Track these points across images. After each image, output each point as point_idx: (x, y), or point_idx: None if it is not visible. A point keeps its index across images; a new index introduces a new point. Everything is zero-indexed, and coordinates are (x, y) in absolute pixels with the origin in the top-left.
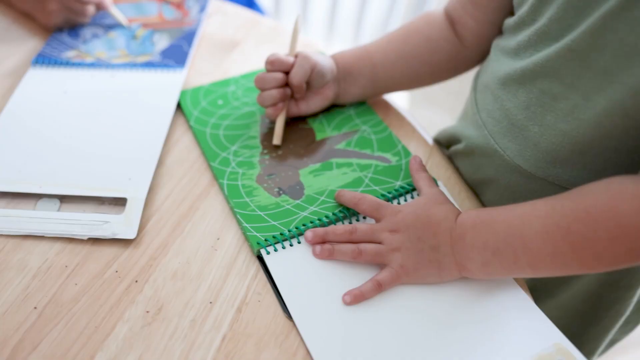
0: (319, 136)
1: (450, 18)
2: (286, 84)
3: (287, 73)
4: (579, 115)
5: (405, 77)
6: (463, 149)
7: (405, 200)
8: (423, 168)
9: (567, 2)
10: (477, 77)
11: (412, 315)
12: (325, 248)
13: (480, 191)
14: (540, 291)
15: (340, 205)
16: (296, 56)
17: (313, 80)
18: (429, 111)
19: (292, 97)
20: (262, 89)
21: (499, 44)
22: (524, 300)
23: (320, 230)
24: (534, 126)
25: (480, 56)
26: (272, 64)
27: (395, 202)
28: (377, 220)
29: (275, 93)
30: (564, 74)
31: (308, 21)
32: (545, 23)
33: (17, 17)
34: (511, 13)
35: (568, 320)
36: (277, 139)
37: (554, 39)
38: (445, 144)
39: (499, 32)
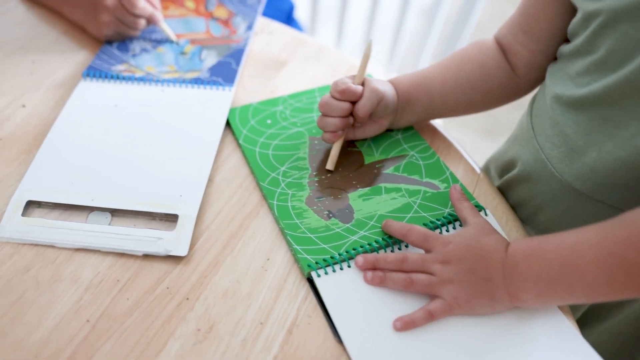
0: (367, 160)
1: (501, 46)
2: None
3: (353, 102)
4: (636, 142)
5: (460, 105)
6: (518, 175)
7: (454, 228)
8: (465, 197)
9: (625, 35)
10: (533, 102)
11: (457, 343)
12: (377, 275)
13: (536, 218)
14: (588, 315)
15: None
16: (363, 84)
17: (376, 111)
18: (458, 132)
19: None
20: (326, 115)
21: (556, 69)
22: (567, 328)
23: (370, 256)
24: (593, 152)
25: (532, 83)
26: (342, 94)
27: (444, 229)
28: (427, 251)
29: (338, 122)
30: (625, 102)
31: (343, 38)
32: (603, 55)
33: (67, 28)
34: (566, 39)
35: (618, 345)
36: (330, 165)
37: (612, 69)
38: (498, 170)
39: (552, 59)
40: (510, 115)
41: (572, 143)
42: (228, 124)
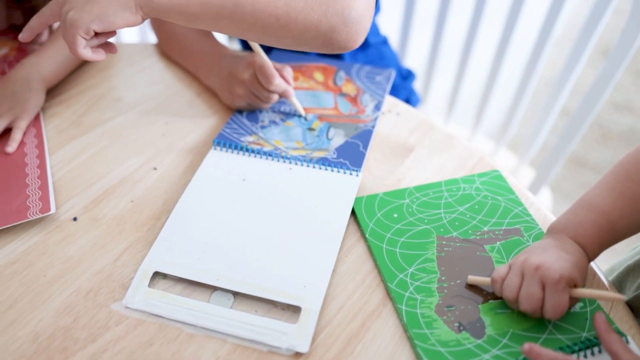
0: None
1: None
2: None
3: None
4: None
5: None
6: None
7: (592, 354)
8: (612, 328)
9: None
10: None
11: None
12: None
13: None
14: None
15: None
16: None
17: None
18: None
19: None
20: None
21: None
22: None
23: None
24: None
25: None
26: None
27: (581, 354)
28: None
29: None
30: None
31: (455, 106)
32: None
33: (201, 91)
34: None
35: None
36: (473, 280)
37: None
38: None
39: None
40: None
41: None
42: (353, 212)
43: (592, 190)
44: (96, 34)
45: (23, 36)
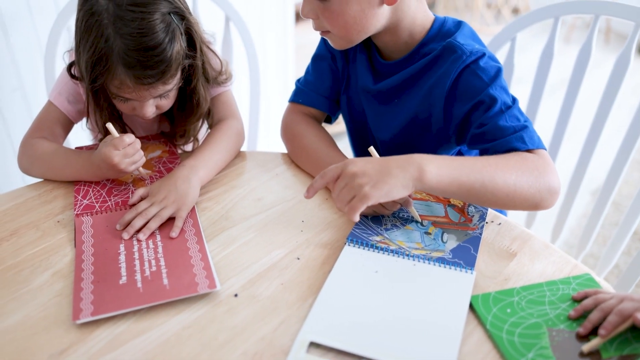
0: (604, 355)
1: None
2: None
3: None
4: None
5: None
6: None
7: None
8: None
9: None
10: None
11: None
12: None
13: None
14: None
15: None
16: None
17: None
18: None
19: None
20: None
21: None
22: None
23: None
24: None
25: None
26: None
27: None
28: None
29: None
30: None
31: (531, 229)
32: None
33: (327, 196)
34: None
35: None
36: (589, 348)
37: None
38: None
39: None
40: None
41: None
42: (471, 305)
43: None
44: None
45: (308, 195)
